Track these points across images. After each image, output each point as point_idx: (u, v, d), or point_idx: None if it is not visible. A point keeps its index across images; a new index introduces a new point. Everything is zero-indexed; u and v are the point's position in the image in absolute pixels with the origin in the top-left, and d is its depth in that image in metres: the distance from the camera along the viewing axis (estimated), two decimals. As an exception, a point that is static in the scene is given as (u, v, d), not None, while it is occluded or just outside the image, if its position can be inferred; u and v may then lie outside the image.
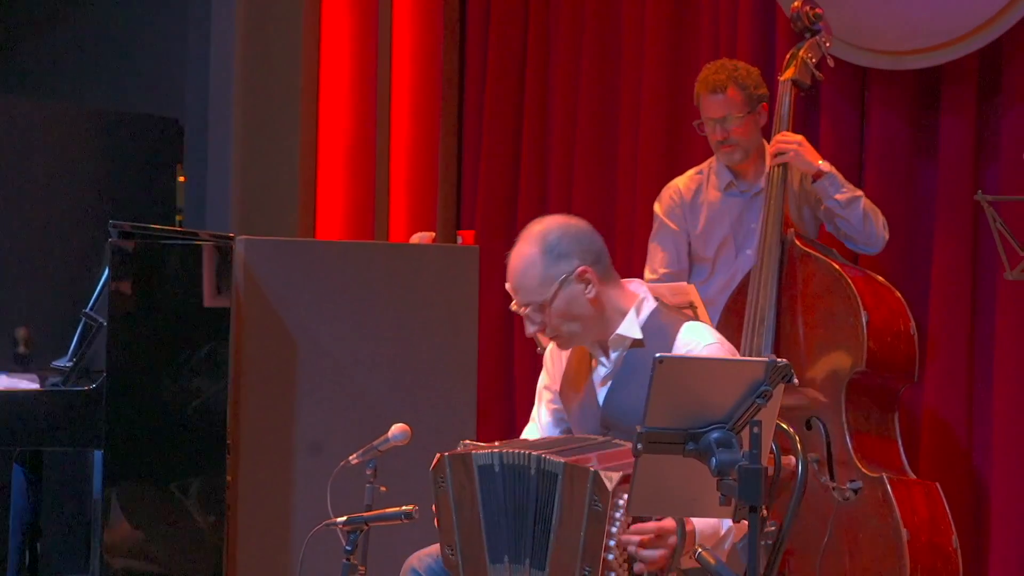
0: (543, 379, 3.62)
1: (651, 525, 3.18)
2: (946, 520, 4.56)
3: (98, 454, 4.54)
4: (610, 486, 3.12)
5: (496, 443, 3.34)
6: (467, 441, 3.40)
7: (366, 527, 3.42)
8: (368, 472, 3.52)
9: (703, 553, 3.01)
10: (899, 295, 4.66)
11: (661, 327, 3.42)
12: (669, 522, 3.18)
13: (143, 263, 4.61)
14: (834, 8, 4.94)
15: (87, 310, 4.68)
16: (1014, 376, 4.80)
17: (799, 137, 4.70)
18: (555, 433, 3.57)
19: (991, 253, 4.81)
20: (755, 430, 2.77)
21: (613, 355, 3.45)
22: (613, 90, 5.73)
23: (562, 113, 5.85)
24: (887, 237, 4.73)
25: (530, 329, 3.43)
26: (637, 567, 3.20)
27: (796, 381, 4.24)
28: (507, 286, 3.45)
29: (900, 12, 4.86)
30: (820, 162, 4.67)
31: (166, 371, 4.61)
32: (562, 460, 3.20)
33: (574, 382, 3.53)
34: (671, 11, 5.55)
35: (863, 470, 4.52)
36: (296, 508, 4.76)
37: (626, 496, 3.13)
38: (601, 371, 3.48)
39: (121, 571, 4.59)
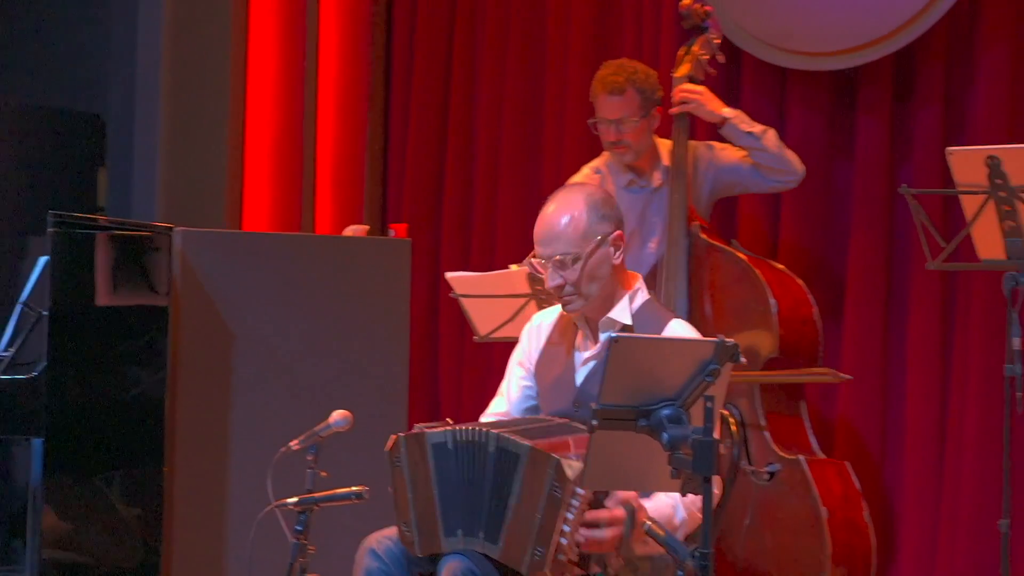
0: (517, 355, 3.64)
1: (603, 514, 3.24)
2: (857, 496, 4.70)
3: (37, 442, 4.55)
4: (571, 475, 3.16)
5: (449, 420, 3.37)
6: (421, 424, 3.40)
7: (316, 508, 3.46)
8: (309, 458, 3.53)
9: (652, 526, 3.12)
10: (801, 283, 4.76)
11: (651, 319, 3.47)
12: (619, 512, 3.25)
13: (84, 253, 4.63)
14: (753, 9, 5.03)
15: (23, 300, 4.69)
16: (926, 361, 4.93)
17: (702, 88, 4.78)
18: (522, 408, 3.60)
19: (905, 246, 4.96)
20: (708, 405, 2.88)
21: (602, 336, 3.49)
22: (538, 85, 5.77)
23: (488, 109, 5.88)
24: (804, 170, 4.77)
25: (553, 281, 3.42)
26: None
27: (744, 360, 4.36)
28: (538, 236, 3.43)
29: (817, 15, 4.95)
30: (724, 109, 4.76)
31: (106, 361, 4.62)
32: (528, 443, 3.23)
33: (554, 357, 3.57)
34: (596, 8, 5.61)
35: (780, 453, 4.65)
36: (233, 496, 4.77)
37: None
38: (586, 351, 3.52)
39: (58, 561, 4.60)
